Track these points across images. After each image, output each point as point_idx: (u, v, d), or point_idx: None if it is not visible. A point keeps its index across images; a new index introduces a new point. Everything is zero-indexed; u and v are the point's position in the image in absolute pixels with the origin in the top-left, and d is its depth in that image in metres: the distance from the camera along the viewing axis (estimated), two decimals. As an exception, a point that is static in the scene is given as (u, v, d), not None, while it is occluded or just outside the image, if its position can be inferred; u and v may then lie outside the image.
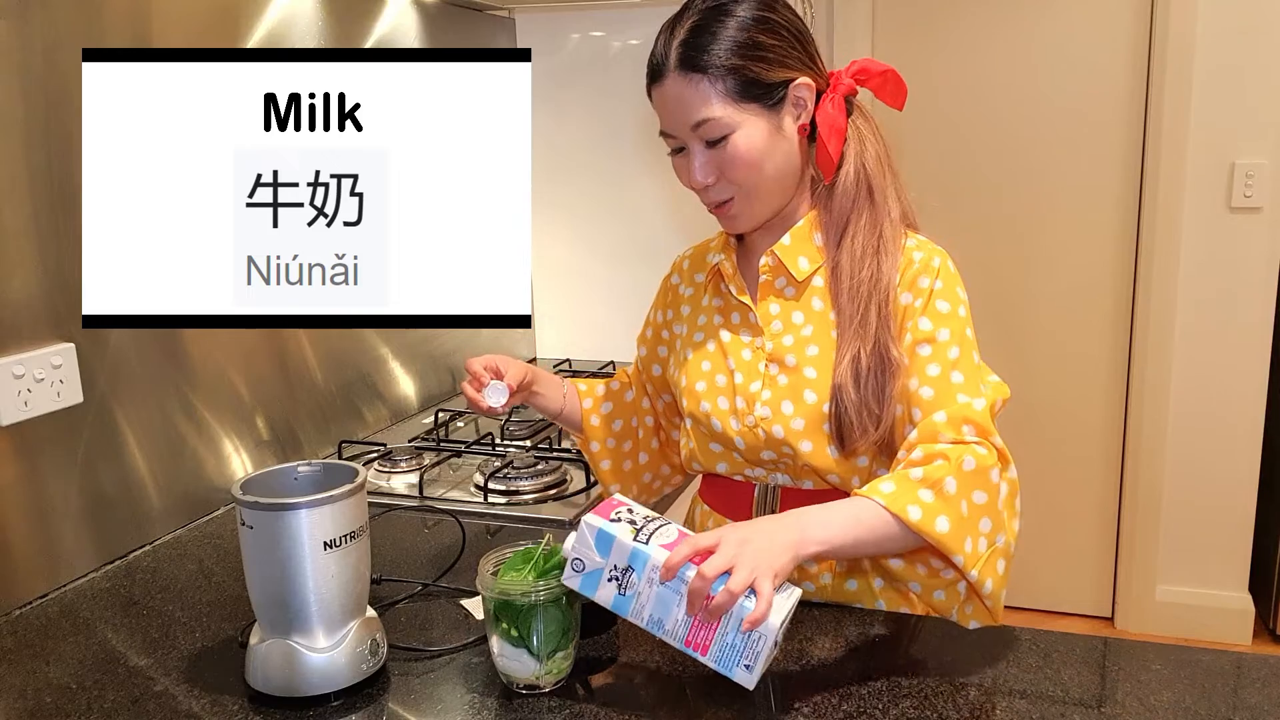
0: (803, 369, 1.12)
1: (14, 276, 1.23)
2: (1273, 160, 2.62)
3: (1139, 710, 0.94)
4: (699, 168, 1.10)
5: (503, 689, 0.99)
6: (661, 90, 1.10)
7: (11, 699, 1.02)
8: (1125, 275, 2.84)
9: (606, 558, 0.94)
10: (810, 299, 1.15)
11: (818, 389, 1.11)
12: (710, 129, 1.07)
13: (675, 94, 1.08)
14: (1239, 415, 2.77)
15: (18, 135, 1.22)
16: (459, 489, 1.60)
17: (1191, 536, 2.86)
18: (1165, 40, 2.64)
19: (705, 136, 1.08)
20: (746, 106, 1.07)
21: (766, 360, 1.15)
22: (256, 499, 0.95)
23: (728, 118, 1.06)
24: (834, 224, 1.14)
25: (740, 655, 0.91)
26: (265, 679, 0.98)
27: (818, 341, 1.13)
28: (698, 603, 0.90)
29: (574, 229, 2.51)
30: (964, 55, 2.85)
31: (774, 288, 1.17)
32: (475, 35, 2.28)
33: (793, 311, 1.16)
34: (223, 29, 1.54)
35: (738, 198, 1.11)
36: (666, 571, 0.91)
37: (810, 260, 1.15)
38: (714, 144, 1.08)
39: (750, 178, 1.09)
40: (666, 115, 1.11)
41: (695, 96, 1.06)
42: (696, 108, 1.07)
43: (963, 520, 1.00)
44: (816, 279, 1.15)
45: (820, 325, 1.13)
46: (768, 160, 1.09)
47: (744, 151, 1.08)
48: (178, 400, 1.48)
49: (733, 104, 1.06)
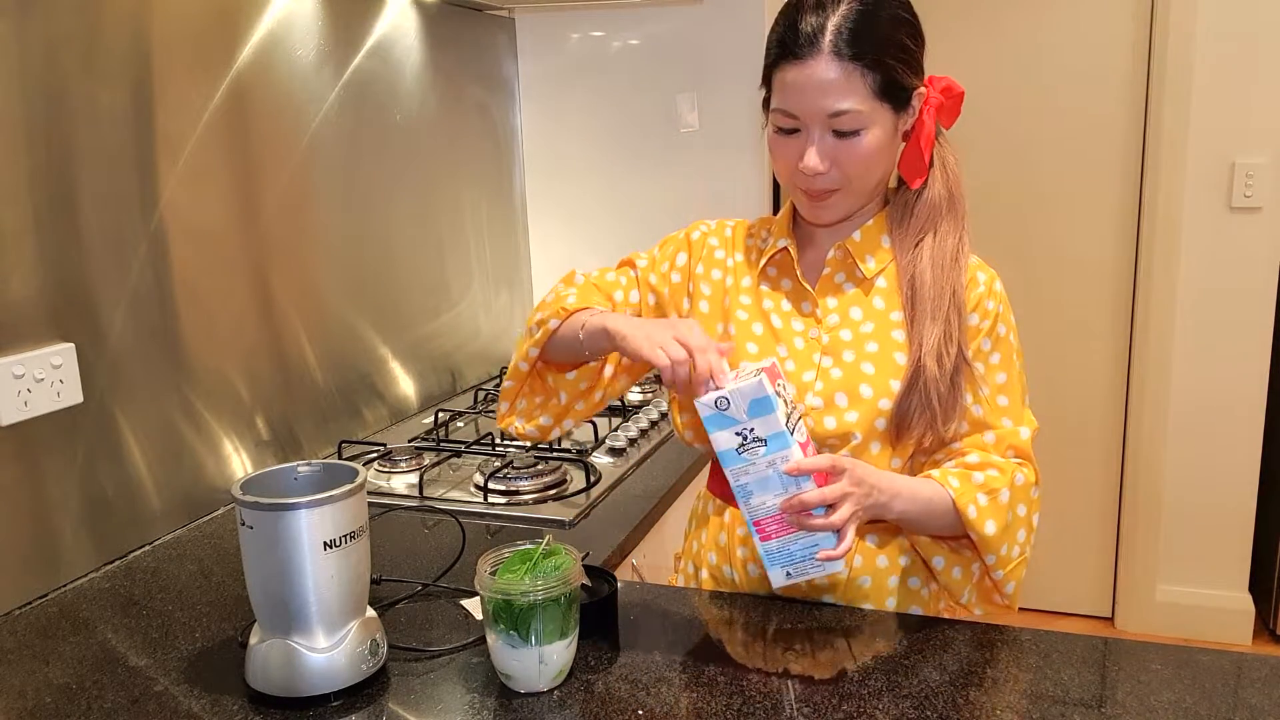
0: (860, 364, 1.12)
1: (14, 276, 1.23)
2: (1273, 160, 2.62)
3: (1139, 710, 0.94)
4: (818, 154, 1.06)
5: (502, 689, 0.99)
6: (804, 69, 1.03)
7: (11, 699, 1.02)
8: (1125, 275, 2.84)
9: (750, 419, 0.96)
10: (873, 298, 1.15)
11: (875, 385, 1.11)
12: (847, 120, 1.04)
13: (823, 77, 1.03)
14: (1239, 415, 2.77)
15: (18, 135, 1.22)
16: (459, 489, 1.60)
17: (1191, 536, 2.86)
18: (1165, 40, 2.64)
19: (839, 127, 1.05)
20: (881, 106, 1.05)
21: (821, 352, 1.14)
22: (256, 499, 0.95)
23: (868, 112, 1.04)
24: (913, 229, 1.14)
25: (791, 564, 1.00)
26: (265, 679, 0.98)
27: (878, 339, 1.13)
28: (797, 510, 0.97)
29: (574, 229, 2.51)
30: (964, 55, 2.85)
31: (834, 281, 1.17)
32: (475, 35, 2.28)
33: (851, 307, 1.15)
34: (222, 29, 1.54)
35: (843, 190, 1.10)
36: (794, 469, 0.96)
37: (877, 260, 1.15)
38: (841, 135, 1.06)
39: (864, 175, 1.09)
40: (800, 97, 1.05)
41: (844, 84, 1.03)
42: (842, 96, 1.03)
43: (1006, 527, 1.10)
44: (880, 279, 1.15)
45: (881, 325, 1.13)
46: (883, 160, 1.10)
47: (869, 149, 1.07)
48: (178, 400, 1.48)
49: (873, 100, 1.04)
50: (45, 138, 1.25)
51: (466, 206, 2.26)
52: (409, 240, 2.06)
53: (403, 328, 2.05)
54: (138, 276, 1.40)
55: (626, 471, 1.66)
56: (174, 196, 1.45)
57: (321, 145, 1.78)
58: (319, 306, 1.79)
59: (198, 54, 1.50)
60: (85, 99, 1.31)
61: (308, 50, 1.73)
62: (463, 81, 2.23)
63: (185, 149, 1.47)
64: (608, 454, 1.74)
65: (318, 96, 1.77)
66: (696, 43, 2.31)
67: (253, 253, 1.63)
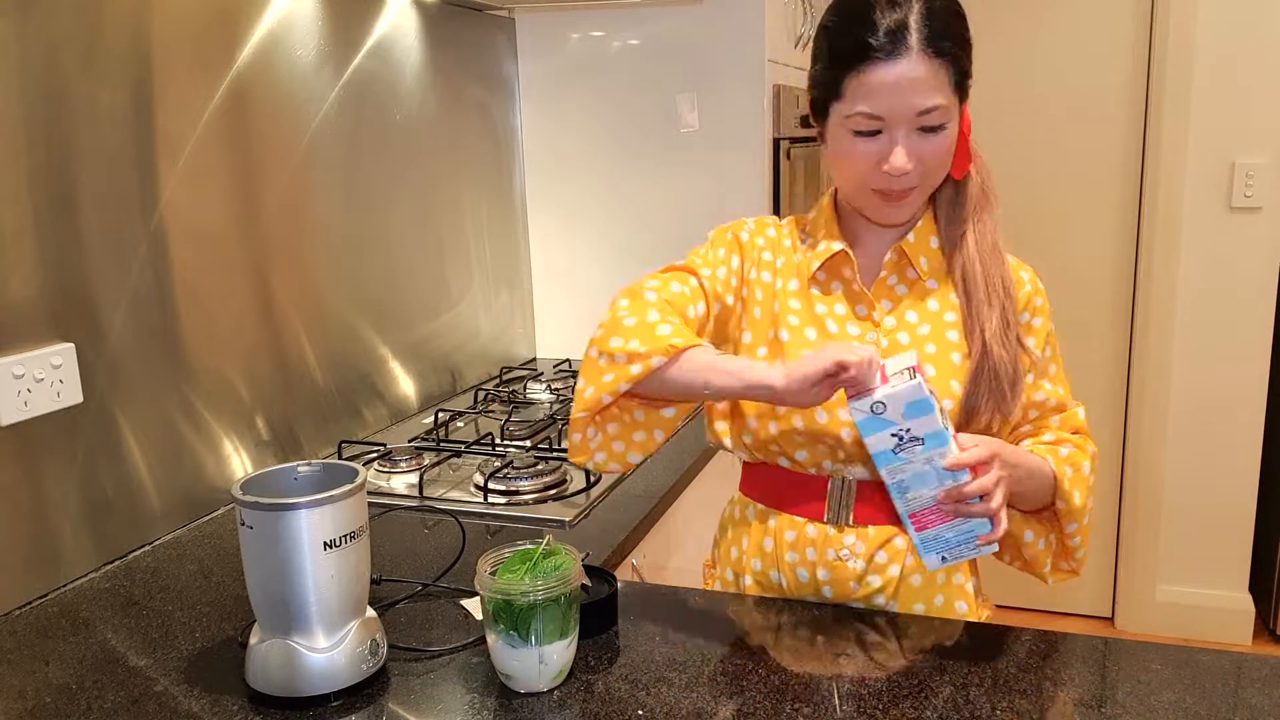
0: (922, 366, 1.10)
1: (14, 276, 1.23)
2: (1273, 160, 2.62)
3: (1139, 710, 0.94)
4: (906, 153, 1.04)
5: (502, 689, 0.99)
6: (894, 68, 1.01)
7: (11, 699, 1.02)
8: (1125, 275, 2.84)
9: (906, 420, 0.97)
10: (927, 300, 1.15)
11: (936, 387, 1.09)
12: (934, 117, 1.03)
13: (915, 74, 1.01)
14: (1239, 415, 2.77)
15: (18, 135, 1.22)
16: (459, 489, 1.60)
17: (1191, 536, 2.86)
18: (1165, 40, 2.64)
19: (926, 123, 1.04)
20: (956, 98, 1.06)
21: (880, 356, 1.12)
22: (256, 499, 0.95)
23: (949, 107, 1.04)
24: (957, 222, 1.14)
25: (947, 549, 1.04)
26: (265, 679, 0.98)
27: (935, 340, 1.13)
28: (956, 499, 1.00)
29: (574, 229, 2.51)
30: (964, 55, 2.85)
31: (886, 284, 1.16)
32: (475, 35, 2.28)
33: (907, 310, 1.15)
34: (222, 29, 1.54)
35: (920, 188, 1.09)
36: (955, 464, 0.99)
37: (930, 261, 1.15)
38: (926, 131, 1.04)
39: (941, 170, 1.09)
40: (889, 97, 1.02)
41: (934, 81, 1.02)
42: (932, 93, 1.02)
43: (1086, 497, 1.16)
44: (930, 281, 1.16)
45: (936, 326, 1.14)
46: (952, 155, 1.09)
47: (950, 144, 1.07)
48: (178, 400, 1.48)
49: (953, 94, 1.04)
50: (45, 138, 1.25)
51: (466, 206, 2.26)
52: (409, 240, 2.06)
53: (403, 328, 2.05)
54: (138, 276, 1.40)
55: (627, 471, 1.66)
56: (174, 196, 1.45)
57: (321, 145, 1.78)
58: (319, 306, 1.79)
59: (198, 54, 1.50)
60: (85, 99, 1.31)
61: (308, 50, 1.73)
62: (463, 81, 2.23)
63: (185, 149, 1.47)
64: (608, 454, 1.74)
65: (318, 96, 1.77)
66: (696, 43, 2.31)
67: (253, 253, 1.63)
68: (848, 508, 1.14)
